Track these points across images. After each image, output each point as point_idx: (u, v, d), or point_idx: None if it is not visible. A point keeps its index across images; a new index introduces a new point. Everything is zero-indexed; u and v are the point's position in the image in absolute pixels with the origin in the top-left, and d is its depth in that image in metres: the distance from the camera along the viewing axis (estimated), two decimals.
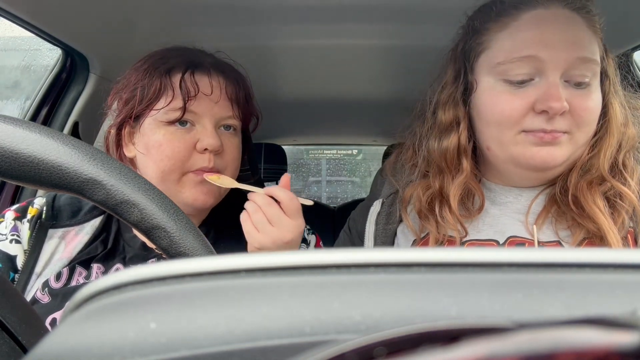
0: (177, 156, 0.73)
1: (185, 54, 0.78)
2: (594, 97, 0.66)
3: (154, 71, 0.75)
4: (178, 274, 0.19)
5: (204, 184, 0.74)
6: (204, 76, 0.75)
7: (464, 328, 0.15)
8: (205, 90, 0.74)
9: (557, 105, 0.62)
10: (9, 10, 0.93)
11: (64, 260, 0.73)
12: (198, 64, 0.76)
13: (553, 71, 0.64)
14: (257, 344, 0.16)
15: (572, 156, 0.68)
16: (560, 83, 0.64)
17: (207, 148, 0.73)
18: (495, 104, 0.67)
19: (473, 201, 0.76)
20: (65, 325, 0.18)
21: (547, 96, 0.63)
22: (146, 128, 0.75)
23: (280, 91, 1.65)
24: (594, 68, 0.65)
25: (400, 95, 1.63)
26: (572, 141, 0.66)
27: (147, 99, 0.74)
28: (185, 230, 0.34)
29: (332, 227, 2.10)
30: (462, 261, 0.19)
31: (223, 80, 0.78)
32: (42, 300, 0.68)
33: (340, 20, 1.07)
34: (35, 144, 0.31)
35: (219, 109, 0.76)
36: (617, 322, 0.13)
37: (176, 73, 0.74)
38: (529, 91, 0.65)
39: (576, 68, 0.64)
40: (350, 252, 0.19)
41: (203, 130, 0.75)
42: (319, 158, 5.73)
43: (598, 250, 0.19)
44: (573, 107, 0.63)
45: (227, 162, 0.78)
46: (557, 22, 0.65)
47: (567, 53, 0.63)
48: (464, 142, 0.72)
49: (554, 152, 0.65)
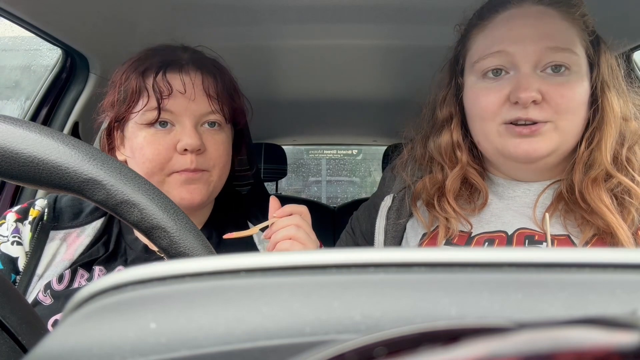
0: (157, 158, 0.72)
1: (161, 53, 0.77)
2: (574, 85, 0.67)
3: (131, 73, 0.75)
4: (178, 274, 0.19)
5: (189, 182, 0.74)
6: (175, 74, 0.75)
7: (464, 328, 0.15)
8: (179, 88, 0.74)
9: (524, 95, 0.65)
10: (9, 10, 0.93)
11: (65, 262, 0.73)
12: (171, 62, 0.75)
13: (524, 63, 0.67)
14: (257, 344, 0.16)
15: (563, 146, 0.69)
16: (535, 74, 0.67)
17: (186, 149, 0.72)
18: (475, 99, 0.72)
19: (479, 196, 0.77)
20: (65, 325, 0.18)
21: (517, 87, 0.66)
22: (129, 131, 0.75)
23: (280, 91, 1.66)
24: (570, 57, 0.67)
25: (400, 95, 1.64)
26: (557, 130, 0.67)
27: (126, 102, 0.74)
28: (185, 230, 0.34)
29: (332, 227, 2.10)
30: (462, 261, 0.19)
31: (199, 76, 0.77)
32: (44, 302, 0.68)
33: (340, 20, 1.07)
34: (35, 144, 0.31)
35: (196, 106, 0.75)
36: (617, 322, 0.13)
37: (150, 74, 0.74)
38: (504, 84, 0.68)
39: (548, 57, 0.66)
40: (350, 252, 0.19)
41: (182, 130, 0.74)
42: (319, 158, 5.73)
43: (598, 250, 0.19)
44: (549, 95, 0.66)
45: (213, 160, 0.77)
46: (526, 17, 0.69)
47: (535, 44, 0.66)
48: (457, 138, 0.77)
49: (535, 145, 0.67)
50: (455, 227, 0.74)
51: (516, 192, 0.76)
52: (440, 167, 0.79)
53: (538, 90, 0.65)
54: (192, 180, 0.74)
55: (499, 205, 0.76)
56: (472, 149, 0.79)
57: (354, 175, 5.90)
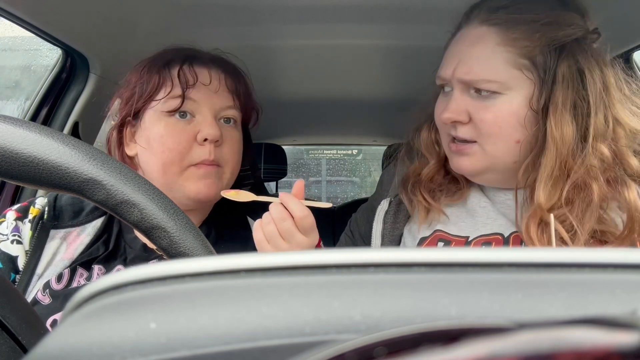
0: (178, 148, 0.73)
1: (183, 50, 0.80)
2: (499, 110, 0.66)
3: (153, 67, 0.76)
4: (178, 274, 0.19)
5: (206, 177, 0.75)
6: (202, 67, 0.77)
7: (464, 328, 0.15)
8: (204, 80, 0.75)
9: (442, 116, 0.69)
10: (9, 10, 0.93)
11: (65, 261, 0.73)
12: (196, 57, 0.78)
13: (455, 84, 0.69)
14: (257, 344, 0.16)
15: (497, 166, 0.70)
16: (465, 95, 0.69)
17: (207, 138, 0.74)
18: (436, 108, 0.75)
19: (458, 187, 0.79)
20: (65, 325, 0.18)
21: (445, 109, 0.69)
22: (147, 121, 0.76)
23: (280, 91, 1.65)
24: (491, 85, 0.66)
25: (400, 95, 1.63)
26: (485, 153, 0.69)
27: (147, 93, 0.75)
28: (185, 230, 0.34)
29: (332, 227, 2.10)
30: (462, 261, 0.19)
31: (222, 72, 0.79)
32: (43, 302, 0.68)
33: (340, 20, 1.07)
34: (35, 144, 0.31)
35: (218, 98, 0.77)
36: (617, 322, 0.13)
37: (175, 65, 0.76)
38: (448, 98, 0.71)
39: (471, 84, 0.67)
40: (350, 252, 0.19)
41: (203, 120, 0.75)
42: (319, 158, 5.73)
43: (598, 250, 0.19)
44: (473, 117, 0.67)
45: (228, 156, 0.78)
46: (463, 41, 0.71)
47: (460, 72, 0.68)
48: (434, 136, 0.80)
49: (463, 162, 0.71)
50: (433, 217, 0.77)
51: (507, 196, 0.75)
52: (424, 158, 0.83)
53: (464, 111, 0.67)
54: (209, 175, 0.75)
55: (493, 209, 0.76)
56: None
57: (354, 175, 5.90)
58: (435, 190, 0.79)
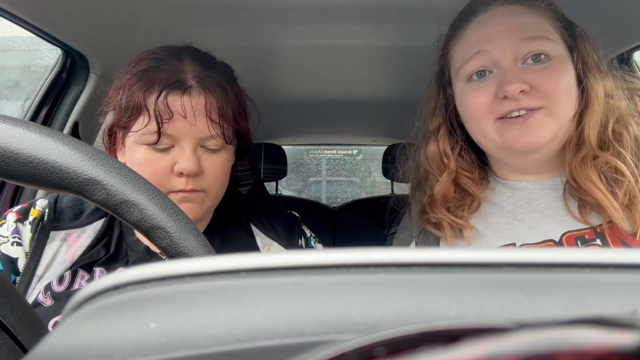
0: (154, 178, 0.71)
1: (165, 67, 0.73)
2: (558, 69, 0.69)
3: (135, 85, 0.72)
4: (178, 274, 0.19)
5: (183, 202, 0.73)
6: (177, 97, 0.71)
7: (464, 328, 0.15)
8: (179, 112, 0.71)
9: (510, 88, 0.67)
10: (9, 10, 0.93)
11: (65, 263, 0.72)
12: (175, 84, 0.71)
13: (503, 59, 0.69)
14: (257, 344, 0.16)
15: (561, 130, 0.70)
16: (517, 67, 0.69)
17: (182, 172, 0.71)
18: (466, 103, 0.75)
19: (472, 201, 0.79)
20: (65, 325, 0.18)
21: (502, 82, 0.68)
22: (129, 144, 0.74)
23: (280, 91, 1.66)
24: (547, 44, 0.69)
25: (400, 95, 1.63)
26: (552, 116, 0.68)
27: (127, 115, 0.72)
28: (185, 230, 0.34)
29: (332, 227, 2.10)
30: (462, 261, 0.19)
31: (202, 98, 0.73)
32: (44, 304, 0.68)
33: (340, 20, 1.07)
34: (35, 144, 0.31)
35: (196, 130, 0.72)
36: (617, 322, 0.13)
37: (151, 93, 0.71)
38: (489, 83, 0.71)
39: (525, 49, 0.68)
40: (350, 252, 0.19)
41: (181, 152, 0.72)
42: (319, 158, 5.74)
43: (598, 250, 0.19)
44: (536, 82, 0.67)
45: (210, 182, 0.75)
46: (495, 17, 0.72)
47: (509, 39, 0.69)
48: (443, 147, 0.81)
49: (534, 134, 0.68)
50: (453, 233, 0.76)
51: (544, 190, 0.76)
52: (434, 177, 0.81)
53: (523, 81, 0.67)
54: (187, 200, 0.73)
55: (533, 215, 0.75)
56: (463, 156, 0.81)
57: (354, 175, 5.90)
58: (451, 208, 0.78)
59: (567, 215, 0.72)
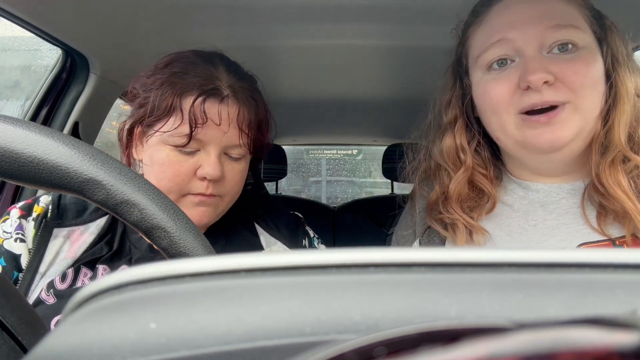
0: (176, 179, 0.72)
1: (201, 74, 0.73)
2: (586, 61, 0.64)
3: (169, 86, 0.72)
4: (178, 274, 0.19)
5: (200, 205, 0.74)
6: (215, 104, 0.72)
7: (464, 328, 0.15)
8: (214, 119, 0.72)
9: (533, 77, 0.62)
10: (9, 10, 0.93)
11: (68, 260, 0.72)
12: (212, 91, 0.72)
13: (527, 47, 0.64)
14: (257, 344, 0.16)
15: (586, 127, 0.65)
16: (542, 56, 0.64)
17: (205, 177, 0.73)
18: (484, 93, 0.70)
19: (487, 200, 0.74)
20: (65, 325, 0.18)
21: (525, 72, 0.63)
22: (152, 142, 0.74)
23: (280, 91, 1.66)
24: (576, 33, 0.64)
25: (400, 95, 1.64)
26: (578, 111, 0.63)
27: (156, 114, 0.72)
28: (185, 230, 0.34)
29: (332, 227, 2.10)
30: (462, 261, 0.19)
31: (236, 108, 0.75)
32: (47, 301, 0.68)
33: (340, 20, 1.07)
34: (35, 144, 0.31)
35: (226, 138, 0.74)
36: (617, 322, 0.13)
37: (188, 96, 0.71)
38: (511, 72, 0.66)
39: (551, 37, 0.64)
40: (350, 252, 0.19)
41: (206, 157, 0.73)
42: (319, 158, 5.74)
43: (598, 251, 0.19)
44: (562, 74, 0.63)
45: (228, 189, 0.77)
46: (521, 2, 0.66)
47: (535, 26, 0.64)
48: (460, 141, 0.76)
49: (557, 132, 0.63)
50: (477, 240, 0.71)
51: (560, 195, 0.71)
52: (447, 172, 0.77)
53: (548, 71, 0.62)
54: (203, 203, 0.74)
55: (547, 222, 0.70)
56: (479, 152, 0.76)
57: (354, 175, 5.90)
58: (464, 209, 0.73)
59: (584, 224, 0.68)
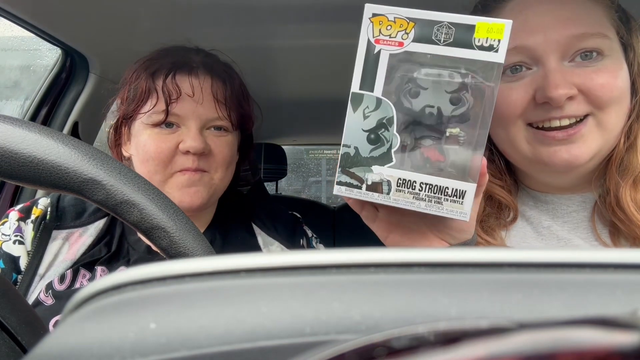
0: (159, 156, 0.73)
1: (173, 54, 0.78)
2: (613, 72, 0.57)
3: (142, 73, 0.76)
4: (178, 274, 0.19)
5: (190, 184, 0.74)
6: (185, 77, 0.75)
7: (464, 328, 0.15)
8: (187, 91, 0.74)
9: (556, 94, 0.55)
10: (9, 10, 0.93)
11: (67, 262, 0.73)
12: (182, 65, 0.76)
13: (548, 56, 0.57)
14: (257, 344, 0.16)
15: (607, 145, 0.59)
16: (564, 66, 0.57)
17: (189, 150, 0.73)
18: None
19: (508, 213, 0.69)
20: (65, 325, 0.18)
21: (545, 85, 0.56)
22: (136, 129, 0.76)
23: (280, 91, 1.65)
24: (603, 42, 0.57)
25: None
26: (600, 127, 0.57)
27: (135, 102, 0.75)
28: (185, 230, 0.34)
29: (332, 227, 2.10)
30: (462, 261, 0.19)
31: (209, 80, 0.77)
32: (45, 303, 0.68)
33: (340, 20, 1.07)
34: (35, 144, 0.31)
35: (203, 109, 0.75)
36: (617, 322, 0.13)
37: (159, 76, 0.75)
38: (526, 83, 0.59)
39: (576, 46, 0.56)
40: (350, 252, 0.19)
41: (187, 131, 0.74)
42: (319, 158, 5.73)
43: (598, 250, 0.19)
44: (586, 87, 0.56)
45: (217, 163, 0.77)
46: (541, 3, 0.58)
47: (558, 33, 0.56)
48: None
49: (575, 151, 0.57)
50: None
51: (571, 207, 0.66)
52: None
53: (571, 84, 0.56)
54: (193, 182, 0.74)
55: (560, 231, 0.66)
56: (494, 162, 0.70)
57: None
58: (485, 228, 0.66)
59: (595, 241, 0.63)
